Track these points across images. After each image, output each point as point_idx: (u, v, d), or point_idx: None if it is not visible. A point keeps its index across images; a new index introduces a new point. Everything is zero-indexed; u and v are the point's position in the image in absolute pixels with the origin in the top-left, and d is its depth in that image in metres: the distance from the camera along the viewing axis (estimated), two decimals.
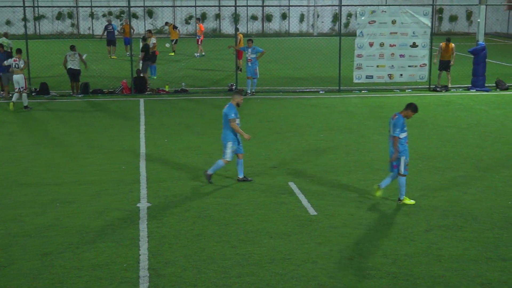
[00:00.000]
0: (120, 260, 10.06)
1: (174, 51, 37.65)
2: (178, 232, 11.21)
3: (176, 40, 38.12)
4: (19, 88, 21.86)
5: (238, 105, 13.76)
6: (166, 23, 39.69)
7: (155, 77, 28.35)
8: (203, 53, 36.87)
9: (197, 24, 37.09)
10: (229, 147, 13.71)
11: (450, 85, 26.12)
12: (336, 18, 49.80)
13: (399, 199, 12.73)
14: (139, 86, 25.08)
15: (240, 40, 29.62)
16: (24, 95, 22.02)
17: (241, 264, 9.95)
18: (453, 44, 26.23)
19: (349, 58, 25.88)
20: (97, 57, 34.59)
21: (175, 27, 38.28)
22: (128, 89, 25.07)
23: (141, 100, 23.63)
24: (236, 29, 28.26)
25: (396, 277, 9.55)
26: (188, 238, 10.95)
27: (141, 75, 25.42)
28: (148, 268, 9.80)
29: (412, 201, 12.72)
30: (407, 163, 12.60)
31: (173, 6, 46.40)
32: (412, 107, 12.64)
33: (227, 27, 48.75)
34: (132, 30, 33.24)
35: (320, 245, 10.67)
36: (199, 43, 36.87)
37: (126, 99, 24.12)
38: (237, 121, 13.67)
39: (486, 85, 26.20)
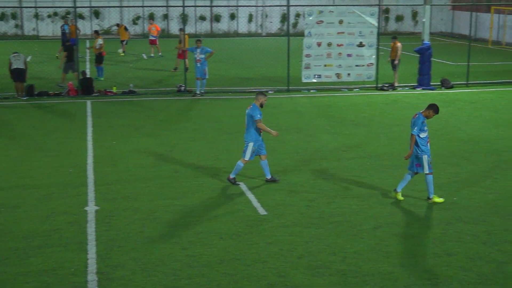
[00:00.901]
0: (68, 265, 9.90)
1: (124, 52, 37.25)
2: (127, 235, 11.09)
3: (127, 41, 37.74)
4: None
5: (261, 105, 13.77)
6: (118, 24, 39.22)
7: (102, 79, 27.99)
8: (160, 54, 36.50)
9: (151, 25, 36.70)
10: (250, 147, 13.71)
11: (396, 84, 26.46)
12: (284, 18, 50.00)
13: (429, 198, 12.79)
14: (85, 87, 24.73)
15: (184, 40, 29.77)
16: None
17: (191, 265, 9.91)
18: (398, 43, 26.59)
19: (298, 58, 26.02)
20: (42, 59, 33.98)
21: (126, 29, 37.88)
22: (74, 90, 24.69)
23: (88, 102, 23.31)
24: (180, 29, 28.29)
25: (345, 274, 9.64)
26: (138, 241, 10.85)
27: (87, 76, 25.09)
28: (96, 272, 9.68)
29: (441, 199, 12.78)
30: (430, 161, 12.66)
31: (120, 7, 45.93)
32: (434, 108, 12.64)
33: (175, 28, 48.42)
34: (78, 31, 32.75)
35: (270, 245, 10.69)
36: (157, 43, 36.50)
37: (73, 101, 23.75)
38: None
39: (432, 83, 26.65)
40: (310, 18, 25.25)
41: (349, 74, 25.83)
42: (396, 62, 26.45)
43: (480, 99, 24.04)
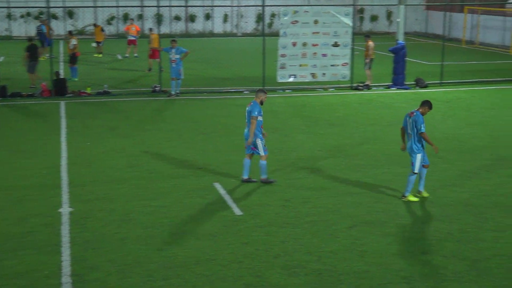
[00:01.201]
0: (42, 268, 9.81)
1: (101, 53, 36.97)
2: (102, 237, 11.02)
3: (103, 42, 37.45)
4: None
5: (261, 103, 13.78)
6: (95, 25, 38.90)
7: (76, 79, 27.76)
8: (136, 55, 36.27)
9: (131, 25, 36.41)
10: (260, 144, 13.73)
11: (367, 82, 26.55)
12: (259, 18, 50.00)
13: (404, 196, 12.91)
14: (59, 88, 24.52)
15: (154, 39, 29.90)
16: None
17: (166, 266, 9.87)
18: (370, 42, 26.73)
19: (273, 58, 26.05)
20: (15, 59, 33.62)
21: (102, 29, 37.60)
22: (48, 91, 24.47)
23: (62, 103, 23.11)
24: (150, 29, 28.25)
25: (321, 273, 9.67)
26: (113, 242, 10.78)
27: (60, 77, 24.88)
28: (71, 274, 9.60)
29: (416, 198, 12.88)
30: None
31: (94, 7, 45.59)
32: (428, 104, 12.79)
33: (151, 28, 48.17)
34: (51, 31, 32.46)
35: (246, 245, 10.69)
36: (136, 44, 36.26)
37: (46, 102, 23.53)
38: (259, 118, 13.69)
39: (406, 83, 26.84)
40: (285, 18, 25.29)
41: (324, 74, 25.91)
42: (367, 60, 26.60)
43: (454, 98, 24.25)
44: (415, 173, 12.77)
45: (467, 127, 19.50)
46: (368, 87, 26.40)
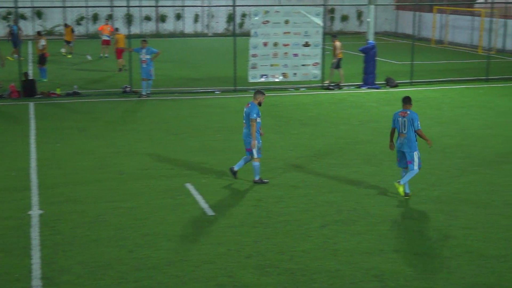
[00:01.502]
0: (11, 271, 9.68)
1: (72, 53, 36.64)
2: (73, 239, 10.91)
3: (73, 42, 37.13)
4: None
5: (260, 104, 13.77)
6: (66, 25, 38.52)
7: (45, 80, 27.47)
8: (106, 55, 35.99)
9: (106, 25, 36.14)
10: (256, 146, 13.66)
11: (327, 82, 26.64)
12: (230, 18, 49.97)
13: (406, 194, 13.02)
14: (28, 89, 24.24)
15: (119, 40, 30.24)
16: None
17: (138, 268, 9.80)
18: (336, 42, 26.87)
19: (244, 58, 26.03)
20: None
21: (73, 30, 37.27)
22: (16, 92, 24.17)
23: (31, 104, 22.84)
24: (116, 29, 28.24)
25: (293, 273, 9.67)
26: (83, 244, 10.68)
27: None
28: (41, 277, 9.48)
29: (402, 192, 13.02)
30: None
31: (63, 7, 45.16)
32: (407, 99, 13.08)
33: (120, 28, 47.85)
34: (20, 32, 32.08)
35: (218, 245, 10.66)
36: (110, 44, 36.00)
37: (15, 103, 23.25)
38: (258, 119, 13.67)
39: (377, 82, 27.01)
40: (256, 18, 25.29)
41: (295, 74, 25.96)
42: (334, 60, 26.74)
43: (424, 98, 24.45)
44: (417, 170, 12.89)
45: (437, 125, 19.67)
46: (339, 87, 26.51)
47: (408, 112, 12.86)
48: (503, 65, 34.08)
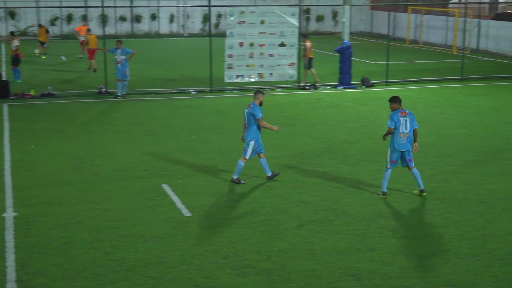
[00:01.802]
0: None
1: (45, 54, 36.31)
2: (48, 241, 10.80)
3: (47, 42, 36.79)
4: None
5: (261, 104, 13.80)
6: (40, 25, 38.15)
7: (19, 81, 27.19)
8: (81, 56, 35.71)
9: (83, 26, 35.86)
10: (251, 146, 13.69)
11: (304, 82, 26.70)
12: (206, 18, 49.86)
13: (422, 191, 13.08)
14: (1, 90, 23.97)
15: (91, 40, 30.41)
16: None
17: (114, 270, 9.72)
18: (307, 42, 26.95)
19: (220, 58, 25.99)
20: None
21: (47, 31, 36.92)
22: None
23: (5, 105, 22.60)
24: (88, 29, 28.15)
25: (270, 273, 9.67)
26: (58, 247, 10.58)
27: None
28: (16, 280, 9.38)
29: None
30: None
31: (37, 7, 44.75)
32: (399, 99, 13.12)
33: (94, 29, 47.54)
34: None
35: (195, 246, 10.62)
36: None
37: None
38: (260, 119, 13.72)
39: (352, 82, 27.11)
40: (232, 18, 25.27)
41: (271, 74, 25.98)
42: (305, 61, 26.81)
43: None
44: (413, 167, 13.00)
45: None
46: (315, 87, 26.57)
47: (407, 111, 12.90)
48: (477, 64, 34.42)
